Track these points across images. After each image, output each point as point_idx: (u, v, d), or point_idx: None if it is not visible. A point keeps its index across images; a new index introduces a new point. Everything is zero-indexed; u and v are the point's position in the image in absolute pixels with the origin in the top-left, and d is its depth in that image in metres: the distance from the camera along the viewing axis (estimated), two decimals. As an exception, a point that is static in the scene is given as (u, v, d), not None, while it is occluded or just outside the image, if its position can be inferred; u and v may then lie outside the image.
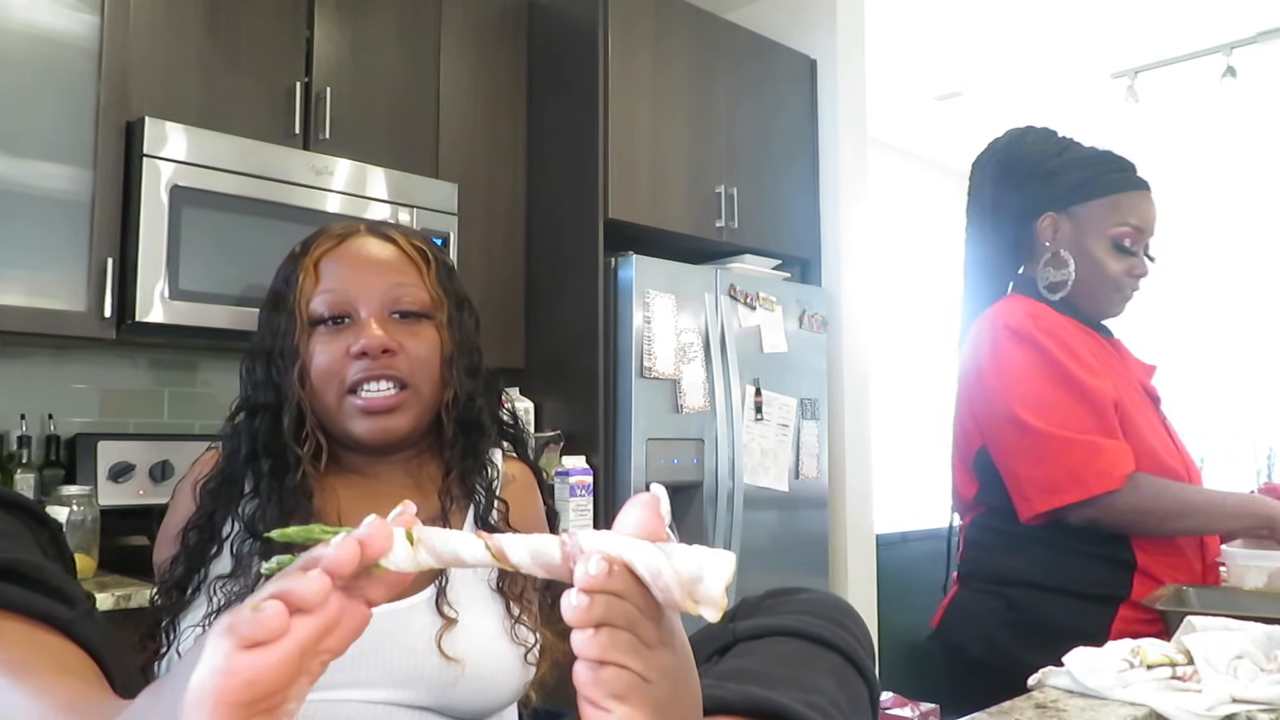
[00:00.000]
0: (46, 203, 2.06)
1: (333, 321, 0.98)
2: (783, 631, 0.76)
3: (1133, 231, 1.48)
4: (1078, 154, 1.53)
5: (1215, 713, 0.84)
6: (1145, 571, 1.39)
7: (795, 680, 0.70)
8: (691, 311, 2.76)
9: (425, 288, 1.01)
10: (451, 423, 1.01)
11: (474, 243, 2.74)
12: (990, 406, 1.44)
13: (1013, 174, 1.54)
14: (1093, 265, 1.48)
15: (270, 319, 1.01)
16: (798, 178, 3.24)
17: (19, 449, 2.17)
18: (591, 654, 0.48)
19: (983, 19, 3.99)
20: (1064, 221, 1.50)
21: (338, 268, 1.00)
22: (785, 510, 2.94)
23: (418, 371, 0.98)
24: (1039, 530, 1.41)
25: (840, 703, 0.71)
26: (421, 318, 1.00)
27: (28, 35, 2.05)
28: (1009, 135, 1.59)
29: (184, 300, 2.15)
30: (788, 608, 0.80)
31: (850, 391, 3.20)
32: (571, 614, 0.48)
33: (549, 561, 0.49)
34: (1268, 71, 4.39)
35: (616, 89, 2.76)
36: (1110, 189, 1.49)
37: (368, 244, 1.02)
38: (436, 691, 0.88)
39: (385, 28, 2.65)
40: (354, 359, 0.95)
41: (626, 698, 0.49)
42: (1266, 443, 4.81)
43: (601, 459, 2.65)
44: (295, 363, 0.97)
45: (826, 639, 0.76)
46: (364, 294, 0.98)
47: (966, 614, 1.51)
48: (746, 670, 0.71)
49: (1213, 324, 5.52)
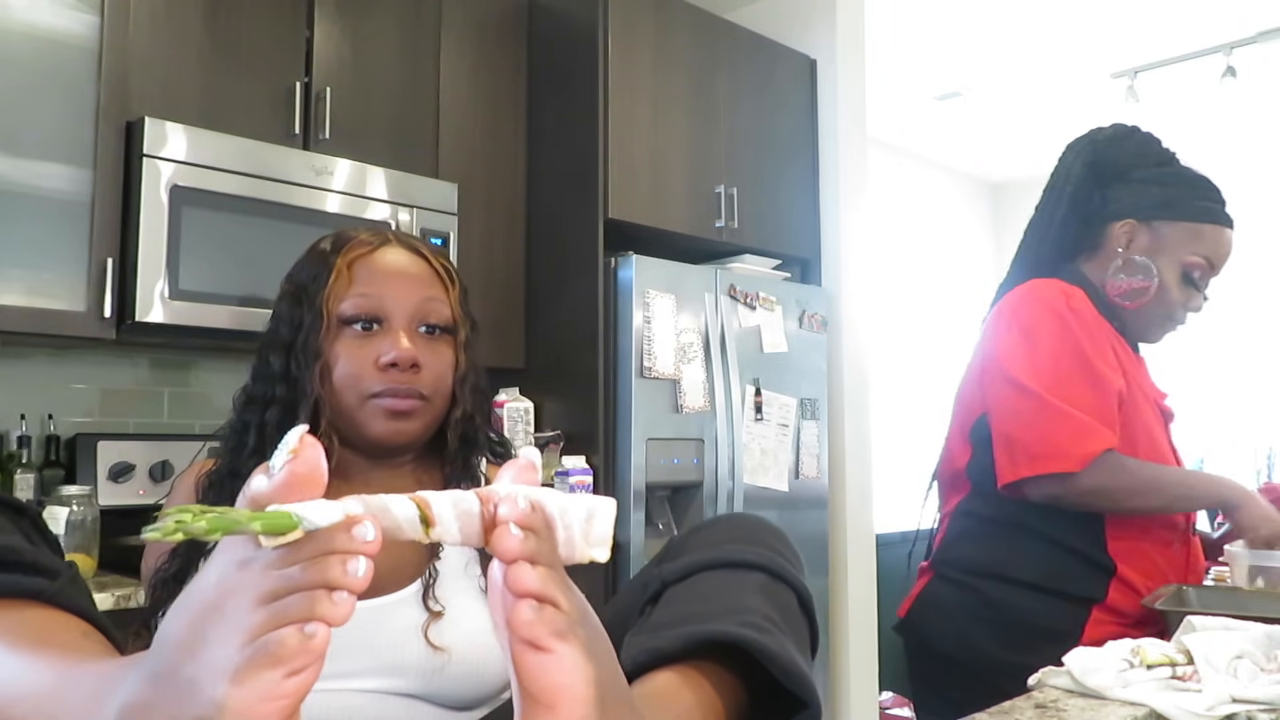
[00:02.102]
0: (46, 203, 2.06)
1: (361, 325, 0.99)
2: (707, 565, 0.78)
3: (1205, 264, 1.47)
4: (1177, 171, 1.51)
5: (1215, 713, 0.84)
6: (1123, 578, 1.39)
7: (727, 607, 0.72)
8: (691, 311, 2.76)
9: (450, 305, 1.04)
10: (456, 438, 1.03)
11: (474, 243, 2.74)
12: (1000, 366, 1.43)
13: (1105, 169, 1.51)
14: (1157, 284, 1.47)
15: (292, 312, 1.02)
16: (798, 178, 3.24)
17: (19, 449, 2.17)
18: (532, 587, 0.48)
19: (983, 19, 4.00)
20: (1143, 232, 1.48)
21: (372, 273, 1.01)
22: (785, 510, 2.94)
23: (435, 386, 1.01)
24: (1023, 520, 1.41)
25: (772, 616, 0.72)
26: (445, 334, 1.03)
27: (28, 35, 2.05)
28: (1114, 129, 1.55)
29: (184, 300, 2.15)
30: (709, 539, 0.82)
31: (850, 391, 3.20)
32: (511, 543, 0.48)
33: (469, 509, 0.50)
34: (1268, 71, 4.39)
35: (616, 89, 2.76)
36: (1199, 216, 1.47)
37: (402, 255, 1.04)
38: (424, 679, 0.90)
39: (385, 28, 2.65)
40: (382, 369, 0.97)
41: (568, 637, 0.49)
42: (1266, 443, 4.81)
43: (601, 459, 2.66)
44: (318, 360, 0.98)
45: (749, 560, 0.78)
46: (397, 303, 1.00)
47: (938, 607, 1.50)
48: (679, 614, 0.73)
49: (1213, 324, 5.51)
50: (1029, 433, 1.37)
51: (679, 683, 0.67)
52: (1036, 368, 1.38)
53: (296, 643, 0.44)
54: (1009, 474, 1.39)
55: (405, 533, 0.49)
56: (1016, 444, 1.38)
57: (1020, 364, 1.40)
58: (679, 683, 0.67)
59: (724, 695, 0.69)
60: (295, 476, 0.46)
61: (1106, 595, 1.38)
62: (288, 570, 0.45)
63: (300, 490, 0.46)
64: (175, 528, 0.43)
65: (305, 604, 0.44)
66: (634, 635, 0.73)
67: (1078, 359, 1.38)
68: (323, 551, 0.45)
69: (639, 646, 0.69)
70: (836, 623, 3.10)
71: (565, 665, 0.49)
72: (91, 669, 0.55)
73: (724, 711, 0.68)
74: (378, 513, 0.48)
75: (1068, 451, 1.34)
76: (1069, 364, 1.38)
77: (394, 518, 0.48)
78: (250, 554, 0.46)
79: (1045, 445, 1.35)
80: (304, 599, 0.44)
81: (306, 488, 0.46)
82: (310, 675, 0.44)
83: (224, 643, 0.45)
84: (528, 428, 2.78)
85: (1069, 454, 1.33)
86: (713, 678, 0.68)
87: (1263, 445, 4.80)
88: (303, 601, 0.44)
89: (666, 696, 0.65)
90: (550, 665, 0.49)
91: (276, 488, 0.46)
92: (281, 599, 0.45)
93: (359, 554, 0.45)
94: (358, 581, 0.45)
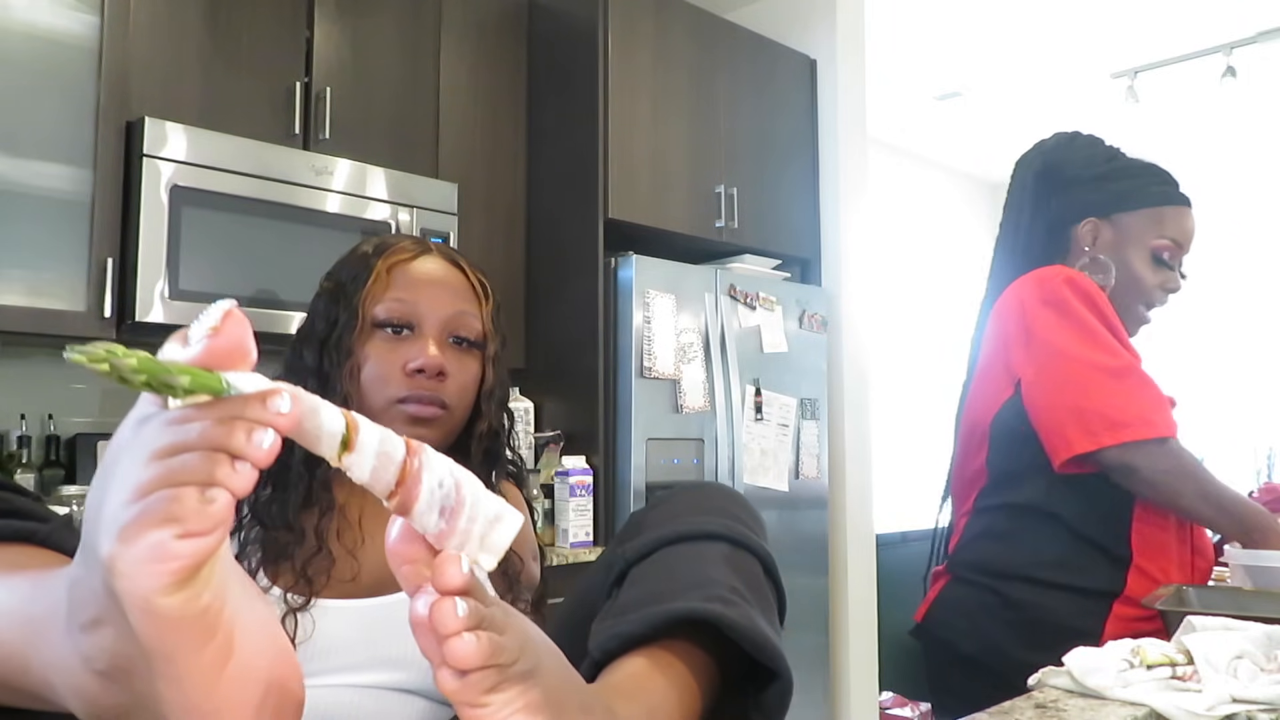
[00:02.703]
0: (46, 203, 2.06)
1: (393, 330, 1.01)
2: (668, 540, 0.77)
3: (1172, 245, 1.50)
4: (1126, 163, 1.55)
5: (1215, 713, 0.84)
6: (1140, 569, 1.39)
7: (692, 582, 0.71)
8: (691, 311, 2.76)
9: (482, 320, 1.05)
10: (480, 452, 1.04)
11: (474, 243, 2.74)
12: (1046, 343, 1.41)
13: (1057, 176, 1.56)
14: (1129, 274, 1.50)
15: (329, 310, 1.03)
16: (798, 178, 3.24)
17: (19, 449, 2.17)
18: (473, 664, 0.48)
19: (983, 19, 4.00)
20: (1105, 228, 1.52)
21: (409, 280, 1.03)
22: (785, 510, 2.94)
23: (458, 397, 1.02)
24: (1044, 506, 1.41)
25: (737, 586, 0.72)
26: (474, 347, 1.04)
27: (28, 35, 2.05)
28: (1057, 138, 1.61)
29: (184, 300, 2.15)
30: (669, 513, 0.81)
31: (850, 391, 3.20)
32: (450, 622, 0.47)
33: (390, 453, 0.47)
34: (1268, 71, 4.39)
35: (616, 89, 2.76)
36: (1156, 201, 1.51)
37: (440, 265, 1.06)
38: (424, 674, 0.90)
39: (385, 28, 2.65)
40: (409, 375, 0.99)
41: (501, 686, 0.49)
42: (1266, 443, 4.81)
43: (601, 459, 2.66)
44: (349, 359, 1.00)
45: (710, 531, 0.77)
46: (430, 311, 1.02)
47: (958, 609, 1.50)
48: (643, 594, 0.72)
49: (1213, 324, 5.52)
50: (1105, 401, 1.35)
51: (649, 666, 0.66)
52: (1085, 338, 1.38)
53: (193, 503, 0.41)
54: (1085, 443, 1.35)
55: (320, 445, 0.46)
56: (1090, 414, 1.35)
57: (1068, 336, 1.39)
58: (649, 666, 0.66)
59: (696, 673, 0.68)
60: (214, 352, 0.42)
61: (1125, 586, 1.38)
62: (187, 427, 0.42)
63: (220, 367, 0.42)
64: (105, 357, 0.40)
65: (204, 465, 0.41)
66: (601, 620, 0.72)
67: (1113, 331, 1.40)
68: (230, 415, 0.42)
69: (607, 632, 0.69)
70: (836, 623, 3.10)
71: (502, 714, 0.49)
72: (61, 570, 0.53)
73: (697, 689, 0.68)
74: (307, 410, 0.45)
75: (1150, 420, 1.33)
76: (1107, 337, 1.39)
77: (318, 423, 0.46)
78: (152, 410, 0.43)
79: (1124, 413, 1.34)
80: (203, 459, 0.41)
81: (227, 365, 0.43)
82: (208, 543, 0.41)
83: (114, 500, 0.42)
84: (528, 428, 2.79)
85: (1152, 422, 1.33)
86: (683, 656, 0.68)
87: (1263, 445, 4.80)
88: (201, 462, 0.41)
89: (638, 683, 0.65)
90: (486, 717, 0.49)
91: (192, 359, 0.42)
92: (178, 455, 0.41)
93: (268, 425, 0.42)
94: (261, 454, 0.42)
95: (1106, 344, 1.38)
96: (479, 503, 0.50)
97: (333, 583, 0.93)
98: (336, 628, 0.90)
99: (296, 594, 0.91)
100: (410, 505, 0.49)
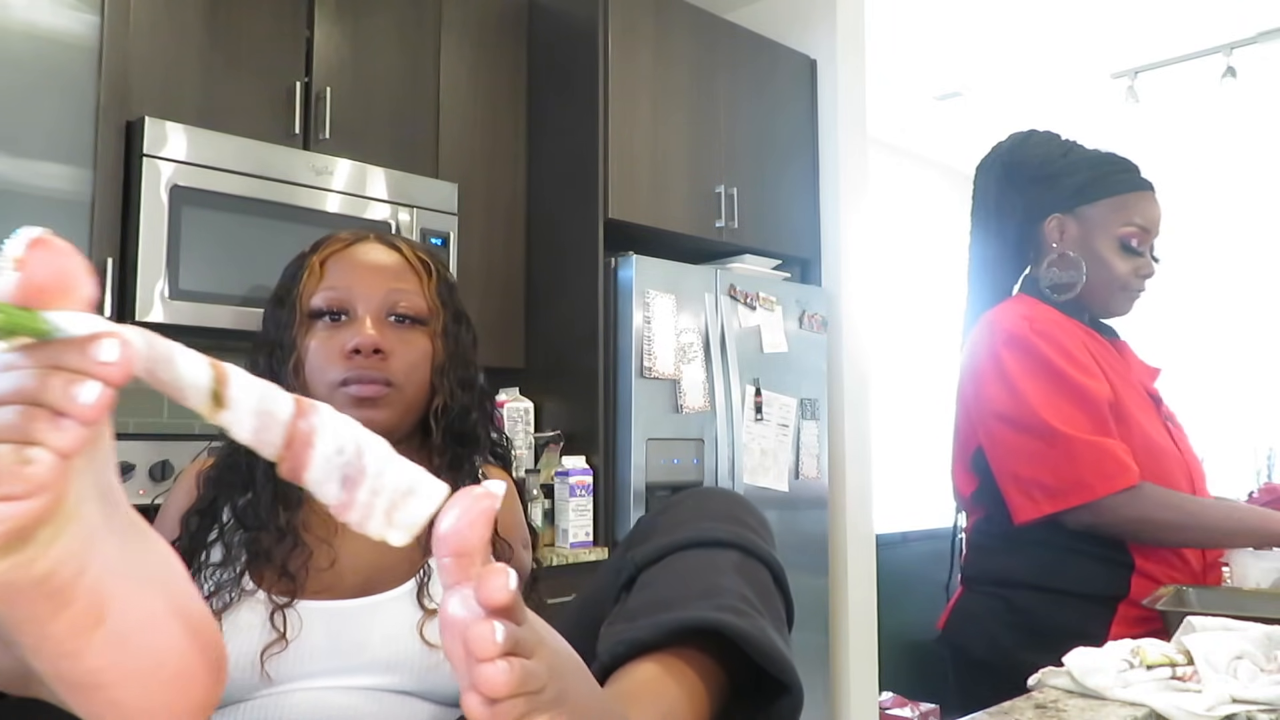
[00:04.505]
0: (46, 203, 2.06)
1: (330, 317, 1.01)
2: (679, 546, 0.77)
3: (1139, 231, 1.49)
4: (1082, 156, 1.55)
5: (1215, 713, 0.84)
6: (1143, 572, 1.39)
7: (702, 590, 0.71)
8: (691, 311, 2.76)
9: (424, 296, 1.05)
10: (440, 431, 1.03)
11: (474, 243, 2.74)
12: (987, 408, 1.44)
13: (1017, 176, 1.56)
14: (1100, 265, 1.49)
15: (274, 313, 1.05)
16: (798, 178, 3.24)
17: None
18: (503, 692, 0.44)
19: (983, 19, 3.99)
20: (1070, 223, 1.51)
21: (341, 268, 1.03)
22: (785, 510, 2.94)
23: (406, 375, 1.01)
24: (1037, 532, 1.41)
25: (748, 595, 0.72)
26: (416, 324, 1.03)
27: (28, 35, 2.05)
28: (1012, 139, 1.61)
29: (184, 300, 2.15)
30: (679, 518, 0.81)
31: (850, 391, 3.20)
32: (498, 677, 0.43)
33: (274, 411, 0.43)
34: (1268, 71, 4.39)
35: (616, 89, 2.76)
36: (1116, 189, 1.50)
37: (373, 249, 1.06)
38: (419, 676, 0.90)
39: (385, 28, 2.65)
40: (347, 357, 0.98)
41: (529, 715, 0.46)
42: (1266, 443, 4.81)
43: (601, 459, 2.65)
44: (292, 355, 1.00)
45: (721, 539, 0.77)
46: (363, 294, 1.01)
47: (969, 615, 1.52)
48: (654, 600, 0.72)
49: (1213, 324, 5.51)
50: (1038, 469, 1.37)
51: (661, 673, 0.66)
52: (1020, 401, 1.38)
53: (8, 463, 0.36)
54: (1030, 511, 1.38)
55: (186, 398, 0.41)
56: (1029, 482, 1.38)
57: (1004, 401, 1.40)
58: (661, 673, 0.66)
59: (707, 682, 0.68)
60: (28, 286, 0.37)
61: (1129, 590, 1.38)
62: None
63: (39, 304, 0.37)
64: None
65: (21, 422, 0.37)
66: (610, 624, 0.72)
67: (1056, 380, 1.38)
68: (48, 364, 0.37)
69: (617, 637, 0.68)
70: (836, 623, 3.10)
71: None
72: None
73: (708, 698, 0.68)
74: (159, 359, 0.40)
75: (1087, 481, 1.33)
76: (1049, 388, 1.38)
77: (175, 373, 0.41)
78: None
79: (1060, 479, 1.35)
80: (20, 415, 0.37)
81: (48, 302, 0.37)
82: (29, 507, 0.37)
83: None
84: (527, 428, 2.78)
85: (1088, 484, 1.33)
86: (695, 665, 0.68)
87: (1263, 445, 4.80)
88: (17, 419, 0.37)
89: (650, 689, 0.65)
90: None
91: (3, 293, 0.37)
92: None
93: (93, 377, 0.37)
94: (83, 410, 0.37)
95: (1044, 402, 1.36)
96: (385, 473, 0.45)
97: (316, 576, 0.93)
98: (325, 629, 0.90)
99: (280, 593, 0.90)
100: (300, 471, 0.44)
